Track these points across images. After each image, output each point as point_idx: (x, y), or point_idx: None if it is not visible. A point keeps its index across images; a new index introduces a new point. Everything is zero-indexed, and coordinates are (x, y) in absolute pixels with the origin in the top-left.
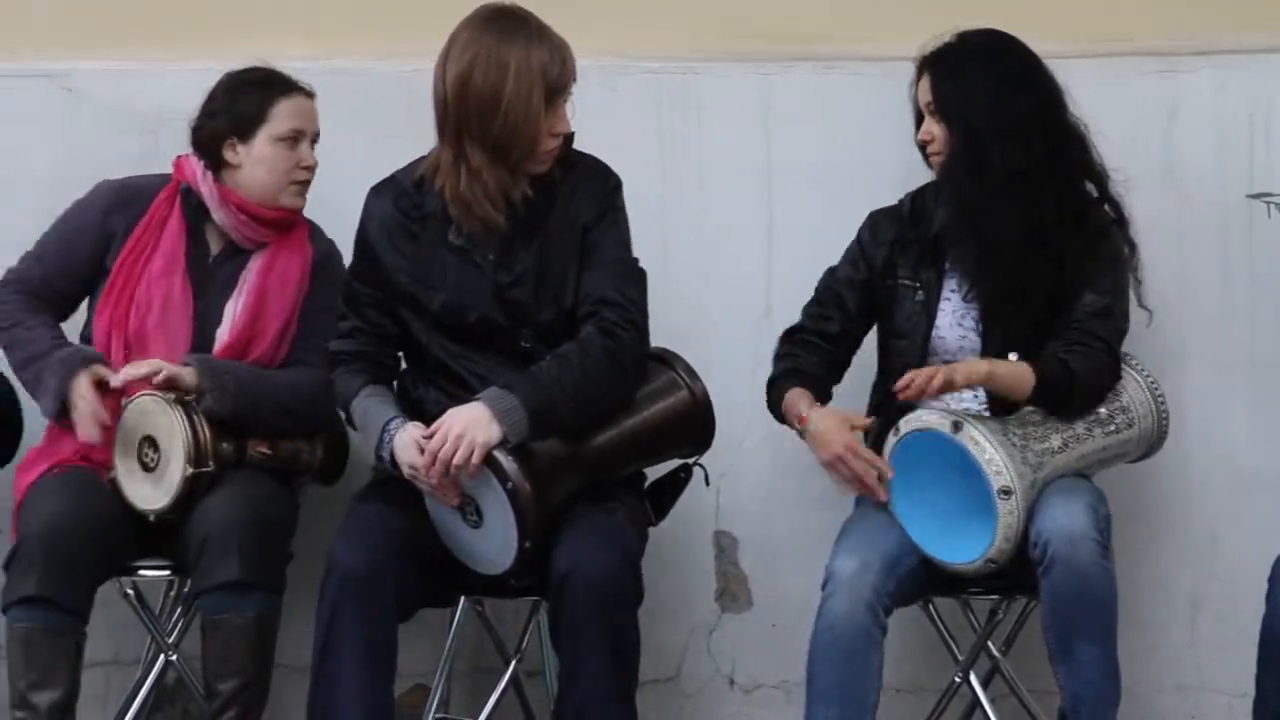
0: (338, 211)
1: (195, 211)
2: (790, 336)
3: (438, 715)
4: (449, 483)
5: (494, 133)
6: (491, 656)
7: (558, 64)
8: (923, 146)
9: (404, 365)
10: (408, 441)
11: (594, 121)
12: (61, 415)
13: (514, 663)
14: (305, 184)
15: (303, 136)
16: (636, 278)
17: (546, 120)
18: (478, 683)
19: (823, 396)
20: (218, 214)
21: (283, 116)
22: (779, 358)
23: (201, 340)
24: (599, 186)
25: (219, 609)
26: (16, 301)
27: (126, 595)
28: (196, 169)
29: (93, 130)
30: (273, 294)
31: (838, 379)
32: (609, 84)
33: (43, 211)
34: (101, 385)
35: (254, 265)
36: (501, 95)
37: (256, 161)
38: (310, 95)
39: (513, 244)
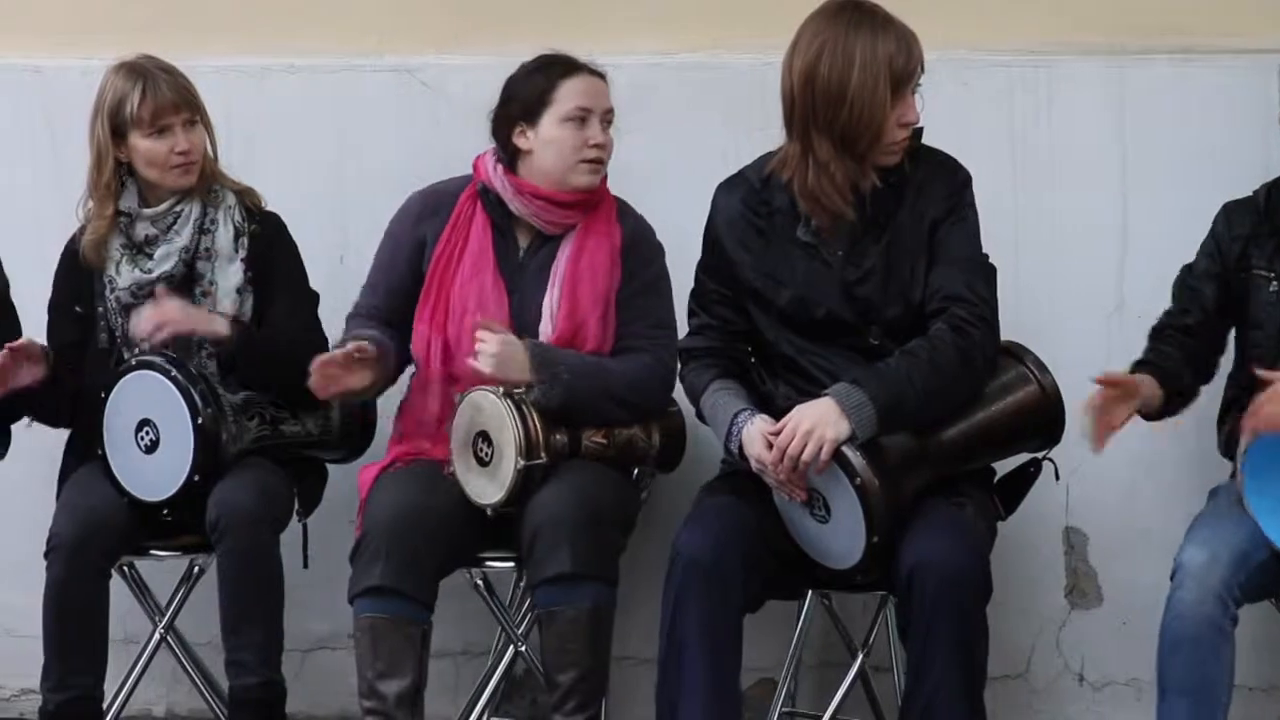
0: (700, 206)
1: (497, 208)
2: (1152, 337)
3: (784, 709)
4: (796, 478)
5: (840, 124)
6: (839, 651)
7: (904, 54)
8: None
9: (753, 360)
10: (755, 435)
11: (944, 116)
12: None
13: (861, 657)
14: (597, 162)
15: (590, 115)
16: (987, 274)
17: (893, 111)
18: (825, 677)
19: (1176, 385)
20: (514, 204)
21: (568, 96)
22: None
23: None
24: (948, 181)
25: (552, 602)
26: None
27: (476, 586)
28: (489, 164)
29: (447, 125)
30: (584, 283)
31: (1201, 375)
32: (960, 78)
33: (390, 197)
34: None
35: (563, 255)
36: (848, 86)
37: (545, 144)
38: (599, 75)
39: (861, 240)
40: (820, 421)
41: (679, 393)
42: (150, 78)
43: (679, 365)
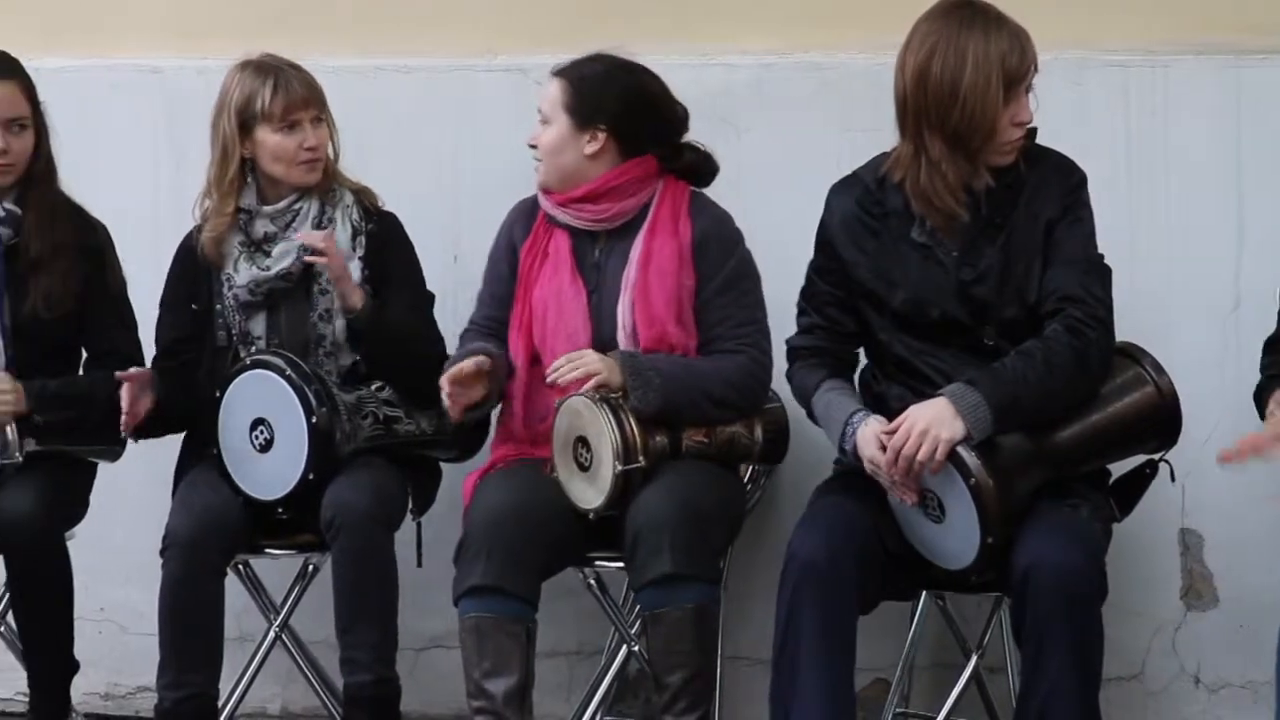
0: (813, 206)
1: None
2: (1272, 347)
3: (898, 709)
4: (909, 480)
5: (953, 122)
6: (953, 651)
7: (1016, 52)
8: None
9: (865, 361)
10: (869, 436)
11: (1059, 116)
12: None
13: (975, 658)
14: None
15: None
16: (1102, 274)
17: (1006, 109)
18: (939, 677)
19: None
20: (555, 212)
21: None
22: (1263, 369)
23: (602, 339)
24: (1063, 182)
25: (656, 604)
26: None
27: (590, 586)
28: None
29: None
30: (654, 288)
31: None
32: (1074, 78)
33: (503, 197)
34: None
35: (633, 258)
36: (960, 84)
37: None
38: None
39: (976, 241)
40: (935, 422)
41: (782, 386)
42: (281, 74)
43: (787, 363)
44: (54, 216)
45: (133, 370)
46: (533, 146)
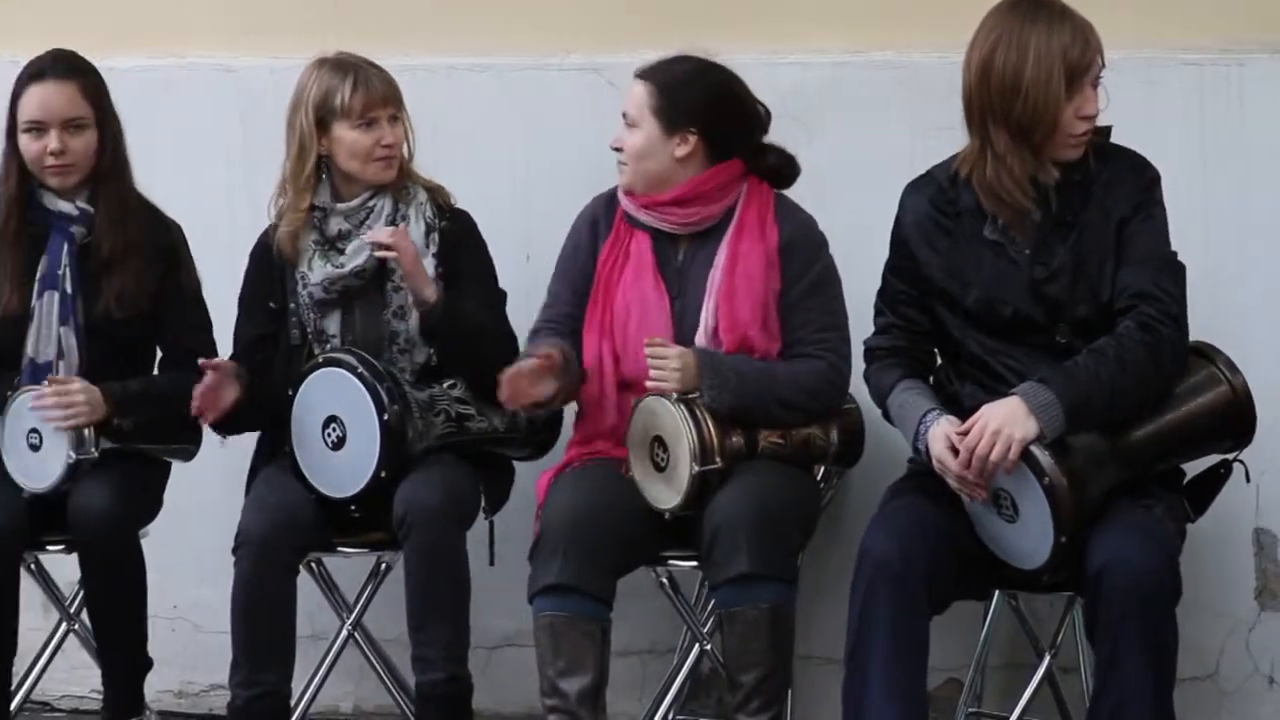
0: (886, 205)
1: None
2: None
3: (970, 709)
4: (980, 479)
5: (1015, 115)
6: (1025, 651)
7: (1079, 45)
8: None
9: (940, 360)
10: (938, 435)
11: (1132, 114)
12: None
13: (1048, 657)
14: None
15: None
16: (1175, 272)
17: (1070, 102)
18: (1011, 678)
19: None
20: (638, 215)
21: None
22: None
23: (684, 344)
24: (1136, 180)
25: (732, 602)
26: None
27: (662, 585)
28: None
29: None
30: (741, 294)
31: None
32: (1147, 76)
33: (576, 197)
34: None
35: (719, 262)
36: (1022, 77)
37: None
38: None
39: (1048, 239)
40: (1008, 421)
41: (859, 389)
42: (360, 71)
43: (865, 364)
44: (125, 213)
45: (216, 360)
46: (617, 150)
